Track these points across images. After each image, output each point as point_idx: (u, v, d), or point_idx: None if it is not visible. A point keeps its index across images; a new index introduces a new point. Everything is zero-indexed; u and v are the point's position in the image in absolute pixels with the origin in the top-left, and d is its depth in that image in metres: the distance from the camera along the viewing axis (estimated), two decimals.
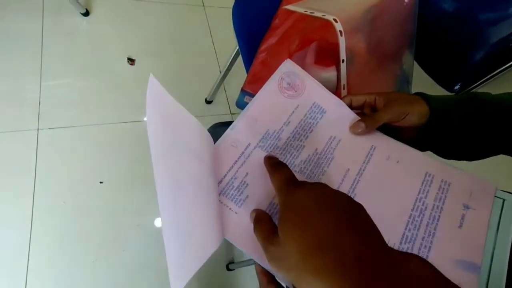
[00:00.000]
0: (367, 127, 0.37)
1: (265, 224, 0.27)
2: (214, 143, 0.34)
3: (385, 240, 0.21)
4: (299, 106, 0.38)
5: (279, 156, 0.35)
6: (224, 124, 0.50)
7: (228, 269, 0.95)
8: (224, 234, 0.29)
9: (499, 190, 0.32)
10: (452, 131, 0.36)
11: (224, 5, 1.33)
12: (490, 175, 0.34)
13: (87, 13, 1.11)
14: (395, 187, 0.34)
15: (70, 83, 1.01)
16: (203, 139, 0.33)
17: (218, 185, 0.32)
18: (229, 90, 1.20)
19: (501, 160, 0.39)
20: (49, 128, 0.94)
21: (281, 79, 0.39)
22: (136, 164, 0.95)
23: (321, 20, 0.41)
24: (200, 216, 0.28)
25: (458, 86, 0.62)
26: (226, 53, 0.94)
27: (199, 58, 1.22)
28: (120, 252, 0.87)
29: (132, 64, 1.10)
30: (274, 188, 0.28)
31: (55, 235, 0.83)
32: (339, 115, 0.39)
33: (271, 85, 0.39)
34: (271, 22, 0.58)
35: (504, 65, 0.57)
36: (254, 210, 0.29)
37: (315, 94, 0.39)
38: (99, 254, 0.85)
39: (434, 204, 0.32)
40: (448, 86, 0.64)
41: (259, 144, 0.35)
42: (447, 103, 0.37)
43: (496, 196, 0.32)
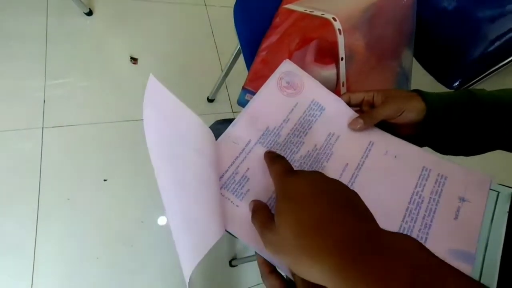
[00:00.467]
0: (365, 123, 0.37)
1: (262, 212, 0.28)
2: (216, 139, 0.35)
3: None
4: (298, 103, 0.39)
5: (279, 152, 0.36)
6: (225, 122, 0.51)
7: (231, 265, 0.96)
8: (226, 225, 0.30)
9: (494, 183, 0.33)
10: (449, 127, 0.37)
11: (225, 4, 1.34)
12: (485, 169, 0.35)
13: (90, 12, 1.12)
14: (392, 181, 0.35)
15: (74, 82, 1.03)
16: (204, 135, 0.34)
17: (220, 179, 0.33)
18: (231, 89, 1.21)
19: (497, 154, 0.39)
20: (53, 127, 0.95)
21: (280, 78, 0.40)
22: (139, 161, 0.96)
23: (320, 18, 0.42)
24: (203, 208, 0.29)
25: (457, 83, 0.63)
26: (227, 51, 0.95)
27: (201, 57, 1.23)
28: (124, 248, 0.88)
29: (135, 63, 1.12)
30: (272, 178, 0.29)
31: (60, 232, 0.85)
32: (338, 112, 0.39)
33: (271, 84, 0.40)
34: (271, 21, 0.59)
35: (502, 61, 0.58)
36: (252, 201, 0.30)
37: (313, 92, 0.40)
38: (104, 251, 0.86)
39: (430, 197, 0.33)
40: (447, 83, 0.65)
41: (259, 140, 0.36)
42: (443, 100, 0.37)
43: (491, 189, 0.33)
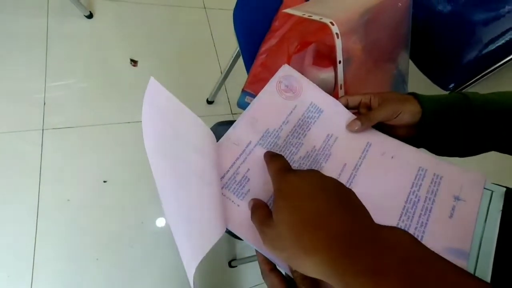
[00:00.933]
0: (362, 125, 0.38)
1: (261, 210, 0.28)
2: (216, 141, 0.36)
3: None
4: (297, 106, 0.40)
5: (278, 153, 0.36)
6: (225, 123, 0.52)
7: (231, 266, 0.97)
8: (227, 224, 0.31)
9: (489, 182, 0.34)
10: (443, 129, 0.38)
11: (225, 7, 1.35)
12: (480, 168, 0.36)
13: (90, 15, 1.13)
14: (389, 181, 0.35)
15: (74, 84, 1.03)
16: (204, 135, 0.34)
17: (221, 179, 0.33)
18: (230, 91, 1.22)
19: (491, 154, 0.40)
20: (53, 128, 0.95)
21: (279, 82, 0.41)
22: (139, 163, 0.97)
23: (318, 23, 0.43)
24: (204, 207, 0.30)
25: (453, 85, 0.64)
26: (227, 54, 0.96)
27: (200, 59, 1.24)
28: (124, 249, 0.88)
29: (135, 65, 1.12)
30: (270, 176, 0.29)
31: (60, 233, 0.85)
32: (336, 114, 0.40)
33: (270, 87, 0.41)
34: (271, 25, 0.60)
35: (496, 63, 0.59)
36: (252, 199, 0.31)
37: (312, 95, 0.41)
38: (103, 252, 0.86)
39: (426, 197, 0.34)
40: (443, 85, 0.66)
41: (259, 142, 0.37)
42: (437, 102, 0.38)
43: (485, 188, 0.34)
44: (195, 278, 0.26)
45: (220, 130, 0.38)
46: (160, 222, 0.95)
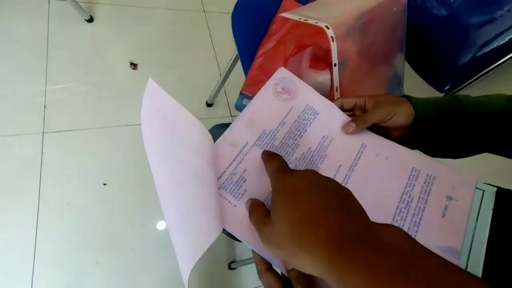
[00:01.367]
0: (357, 126, 0.39)
1: (259, 209, 0.29)
2: (214, 142, 0.37)
3: None
4: (293, 108, 0.41)
5: None
6: (223, 126, 0.53)
7: (230, 268, 0.97)
8: (224, 224, 0.31)
9: (480, 182, 0.35)
10: (436, 131, 0.39)
11: (224, 10, 1.37)
12: (473, 168, 0.36)
13: (91, 19, 1.14)
14: (383, 181, 0.36)
15: (74, 87, 1.04)
16: (202, 136, 0.35)
17: (218, 180, 0.34)
18: (229, 93, 1.23)
19: (484, 155, 0.41)
20: (54, 132, 0.96)
21: (275, 84, 0.42)
22: (139, 166, 0.97)
23: (314, 26, 0.44)
24: (201, 207, 0.30)
25: (448, 87, 0.65)
26: (226, 57, 0.97)
27: (200, 62, 1.25)
28: (124, 252, 0.89)
29: (134, 69, 1.13)
30: (268, 175, 0.30)
31: (60, 236, 0.85)
32: (331, 116, 0.41)
33: (267, 89, 0.41)
34: (268, 28, 0.60)
35: (490, 65, 0.60)
36: (249, 199, 0.31)
37: (307, 97, 0.42)
38: (103, 255, 0.87)
39: (419, 197, 0.35)
40: (439, 87, 0.67)
41: (256, 143, 0.38)
42: (430, 105, 0.39)
43: (476, 188, 0.34)
44: (194, 280, 0.26)
45: (217, 132, 0.39)
46: (160, 225, 0.95)
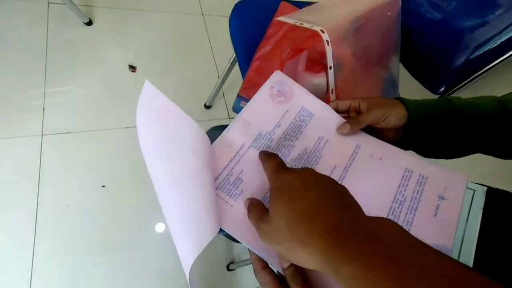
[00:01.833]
0: (352, 128, 0.40)
1: (257, 207, 0.30)
2: (211, 144, 0.37)
3: None
4: (288, 110, 0.42)
5: None
6: (220, 128, 0.53)
7: (229, 269, 0.97)
8: (221, 224, 0.32)
9: (471, 182, 0.36)
10: (428, 132, 0.40)
11: (222, 13, 1.38)
12: (464, 168, 0.37)
13: (90, 22, 1.15)
14: (377, 182, 0.37)
15: (73, 89, 1.04)
16: (199, 137, 0.35)
17: (215, 180, 0.35)
18: (227, 95, 1.23)
19: (475, 156, 0.42)
20: (53, 134, 0.96)
21: (271, 87, 0.43)
22: (137, 168, 0.97)
23: (310, 30, 0.45)
24: (199, 206, 0.31)
25: (443, 89, 0.66)
26: (224, 60, 0.97)
27: (198, 64, 1.25)
28: (122, 254, 0.89)
29: (133, 71, 1.14)
30: (266, 174, 0.31)
31: (58, 238, 0.85)
32: (326, 118, 0.42)
33: (263, 92, 0.42)
34: (265, 32, 0.61)
35: (483, 68, 0.61)
36: (248, 199, 0.32)
37: (303, 99, 0.43)
38: (102, 257, 0.87)
39: (412, 196, 0.35)
40: (433, 89, 0.68)
41: (252, 144, 0.38)
42: (422, 107, 0.40)
43: (468, 187, 0.35)
44: (193, 281, 0.27)
45: (214, 134, 0.40)
46: (159, 227, 0.95)
